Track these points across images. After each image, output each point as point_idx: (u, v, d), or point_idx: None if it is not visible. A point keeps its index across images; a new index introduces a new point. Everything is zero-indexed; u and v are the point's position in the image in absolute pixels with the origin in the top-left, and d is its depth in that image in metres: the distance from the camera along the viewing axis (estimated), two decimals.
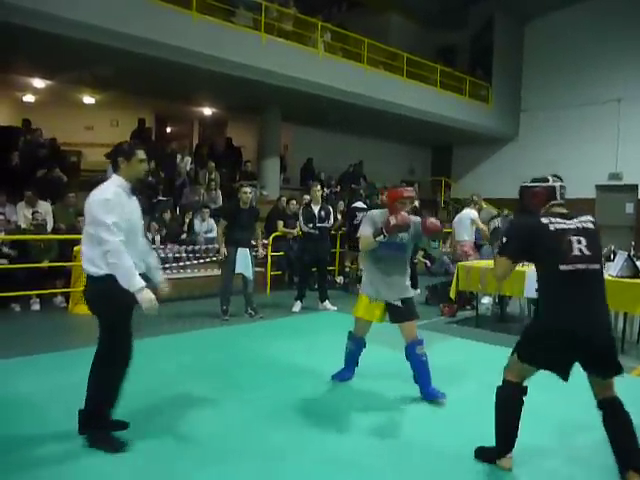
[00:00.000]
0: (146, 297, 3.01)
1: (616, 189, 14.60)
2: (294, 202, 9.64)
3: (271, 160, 12.70)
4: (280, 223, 9.22)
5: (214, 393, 4.10)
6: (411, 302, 4.20)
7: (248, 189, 6.90)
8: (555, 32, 15.47)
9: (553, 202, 2.99)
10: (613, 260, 6.23)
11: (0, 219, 6.88)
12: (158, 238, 8.52)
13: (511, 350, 3.06)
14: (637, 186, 14.27)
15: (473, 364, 5.14)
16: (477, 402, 4.11)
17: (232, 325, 6.54)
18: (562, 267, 2.75)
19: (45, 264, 7.06)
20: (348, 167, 14.50)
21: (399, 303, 4.09)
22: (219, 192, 10.61)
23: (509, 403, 3.01)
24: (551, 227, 2.82)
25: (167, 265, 8.11)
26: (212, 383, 4.35)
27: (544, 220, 2.86)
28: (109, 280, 3.00)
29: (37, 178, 8.74)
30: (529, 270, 6.23)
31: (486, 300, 7.73)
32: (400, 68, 13.14)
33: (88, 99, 12.27)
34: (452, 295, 7.05)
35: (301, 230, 7.76)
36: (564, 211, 2.95)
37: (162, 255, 7.89)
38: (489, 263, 7.18)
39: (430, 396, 4.01)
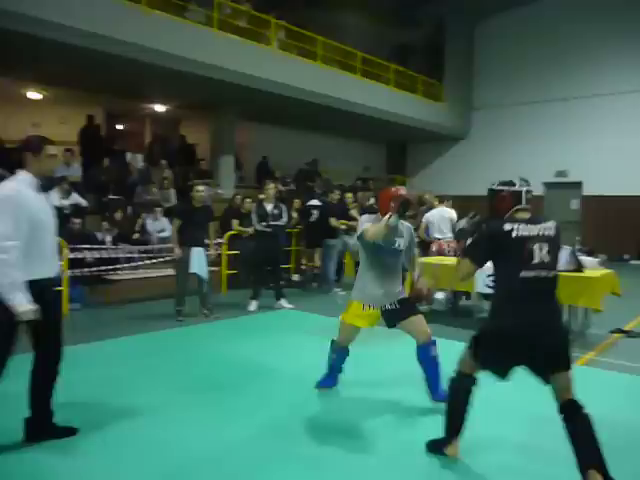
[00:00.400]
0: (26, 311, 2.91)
1: (562, 186, 15.17)
2: (249, 200, 9.58)
3: (226, 158, 12.58)
4: (235, 222, 9.14)
5: (168, 396, 4.05)
6: (407, 301, 4.07)
7: (201, 187, 6.82)
8: (505, 32, 15.96)
9: (518, 207, 3.01)
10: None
11: None
12: (109, 238, 8.32)
13: (465, 344, 3.12)
14: (581, 183, 14.86)
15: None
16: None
17: (187, 326, 6.45)
18: (523, 274, 2.81)
19: None
20: (304, 165, 14.51)
21: (396, 305, 4.00)
22: (172, 191, 10.45)
23: (460, 393, 3.11)
24: (514, 234, 2.84)
25: (119, 266, 7.94)
26: (167, 385, 4.29)
27: (507, 227, 2.88)
28: None
29: None
30: None
31: (440, 295, 7.89)
32: (354, 66, 13.25)
33: (34, 95, 11.82)
34: (407, 291, 7.14)
35: (254, 228, 7.71)
36: (528, 216, 2.96)
37: (114, 255, 7.71)
38: (441, 259, 7.36)
39: (441, 397, 3.78)
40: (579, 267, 5.88)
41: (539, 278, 2.81)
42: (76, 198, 8.49)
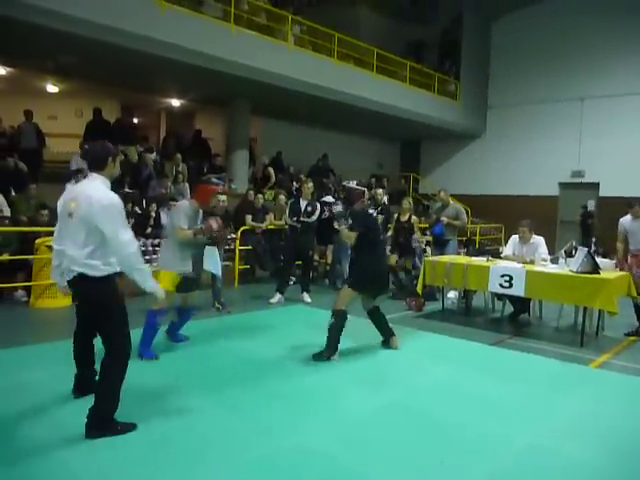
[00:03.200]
0: (160, 292, 3.42)
1: (578, 186, 14.99)
2: (261, 196, 9.62)
3: (240, 153, 12.60)
4: (249, 217, 9.16)
5: (191, 389, 4.07)
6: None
7: (223, 197, 6.80)
8: (522, 30, 15.77)
9: (364, 199, 5.29)
10: (573, 256, 6.40)
11: None
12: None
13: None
14: (598, 184, 14.67)
15: (439, 356, 5.23)
16: (444, 392, 4.19)
17: (201, 320, 6.46)
18: (380, 237, 5.39)
19: (4, 257, 6.86)
20: (317, 161, 14.50)
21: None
22: (187, 185, 10.47)
23: (341, 324, 4.91)
24: (373, 215, 5.46)
25: None
26: (188, 379, 4.31)
27: (370, 210, 5.44)
28: (112, 279, 3.24)
29: None
30: (493, 266, 6.37)
31: (452, 294, 7.86)
32: (370, 63, 13.18)
33: (52, 88, 11.92)
34: (419, 289, 7.13)
35: (286, 223, 8.08)
36: (369, 202, 5.59)
37: None
38: (454, 258, 7.32)
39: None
40: (595, 269, 5.80)
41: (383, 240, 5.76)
42: None
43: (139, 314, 4.78)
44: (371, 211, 5.41)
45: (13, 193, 8.07)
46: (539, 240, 6.83)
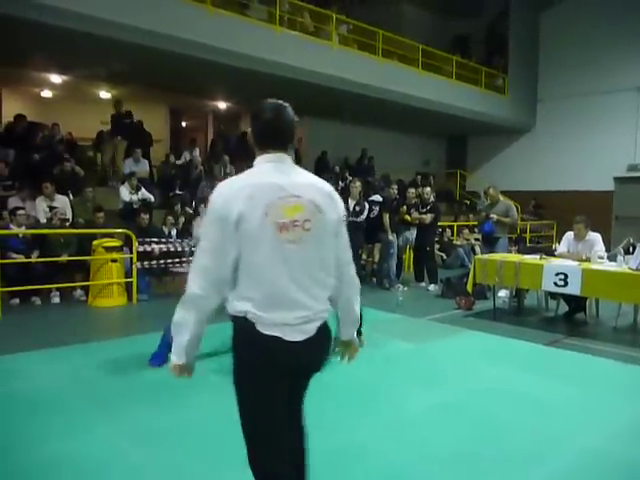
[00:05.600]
0: None
1: (635, 181, 14.39)
2: None
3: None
4: None
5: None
6: None
7: None
8: (571, 20, 15.23)
9: None
10: (632, 252, 6.16)
11: (21, 214, 6.95)
12: (174, 232, 8.57)
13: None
14: None
15: (493, 356, 5.13)
16: (499, 392, 4.12)
17: None
18: None
19: (64, 258, 7.15)
20: (359, 158, 14.51)
21: None
22: None
23: None
24: None
25: (184, 259, 8.18)
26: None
27: None
28: None
29: (55, 173, 8.82)
30: (547, 264, 6.20)
31: (503, 293, 7.69)
32: (414, 59, 13.04)
33: (104, 94, 12.32)
34: (469, 288, 7.01)
35: None
36: None
37: (179, 249, 7.95)
38: (505, 256, 7.16)
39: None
40: None
41: None
42: (144, 193, 8.80)
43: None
44: None
45: (71, 197, 8.39)
46: (595, 237, 6.61)
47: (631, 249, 6.78)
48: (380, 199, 9.02)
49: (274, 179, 1.84)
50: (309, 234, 1.85)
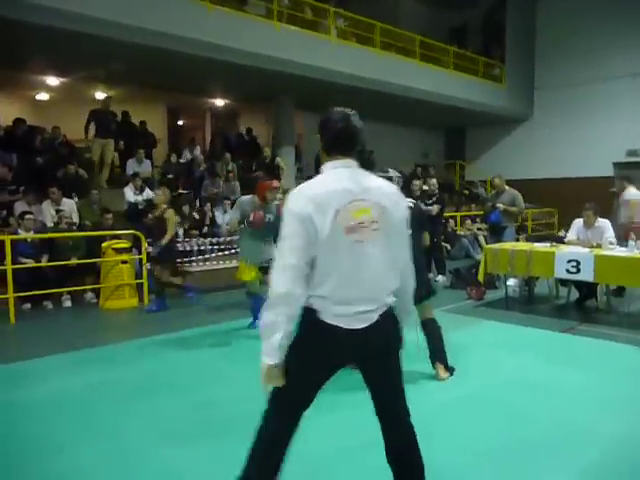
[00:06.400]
0: None
1: (635, 166, 14.42)
2: None
3: (286, 149, 12.66)
4: None
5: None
6: None
7: (279, 195, 6.92)
8: (567, 8, 15.24)
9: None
10: (632, 237, 6.23)
11: (29, 218, 6.91)
12: (181, 231, 8.55)
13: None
14: None
15: (511, 345, 5.15)
16: (522, 382, 4.13)
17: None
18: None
19: (74, 261, 7.12)
20: (359, 152, 14.40)
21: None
22: (237, 183, 10.62)
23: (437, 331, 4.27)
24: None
25: (193, 258, 8.18)
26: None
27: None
28: None
29: (59, 176, 8.77)
30: (558, 251, 6.22)
31: (512, 282, 7.71)
32: (412, 51, 13.01)
33: (101, 95, 12.23)
34: (480, 278, 7.03)
35: None
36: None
37: (187, 248, 7.93)
38: (515, 245, 7.18)
39: None
40: None
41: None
42: (149, 193, 8.76)
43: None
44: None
45: (76, 199, 8.35)
46: (605, 223, 6.64)
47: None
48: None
49: (343, 184, 1.98)
50: (377, 234, 1.99)
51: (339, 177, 2.00)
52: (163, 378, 4.33)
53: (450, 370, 4.24)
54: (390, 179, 4.33)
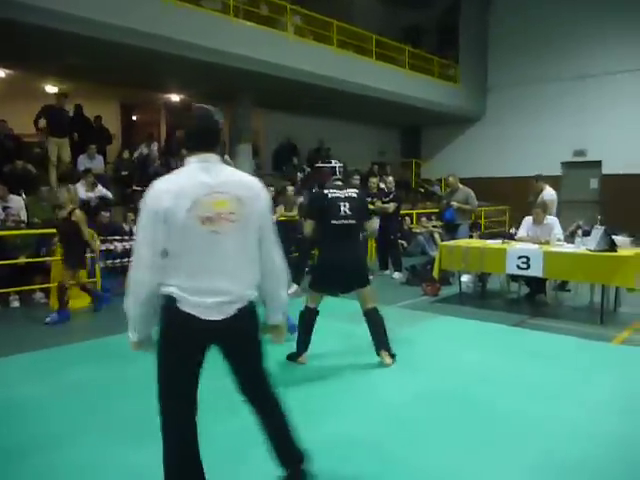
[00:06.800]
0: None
1: (581, 165, 15.01)
2: (271, 188, 9.62)
3: (243, 146, 12.56)
4: None
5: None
6: None
7: None
8: (520, 9, 15.65)
9: (334, 177, 4.43)
10: (582, 234, 6.52)
11: None
12: (135, 229, 8.37)
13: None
14: (601, 162, 14.69)
15: (465, 340, 5.28)
16: (478, 375, 4.24)
17: None
18: (332, 222, 4.19)
19: (22, 260, 6.87)
20: (316, 149, 14.55)
21: None
22: None
23: (309, 321, 4.40)
24: (329, 195, 4.25)
25: None
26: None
27: (325, 191, 4.29)
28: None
29: (5, 172, 8.44)
30: (510, 248, 6.41)
31: (466, 278, 7.90)
32: (369, 50, 13.13)
33: (52, 89, 11.83)
34: (435, 274, 7.18)
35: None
36: (340, 184, 4.38)
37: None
38: (469, 242, 7.36)
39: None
40: (612, 247, 5.85)
41: (343, 225, 4.20)
42: (101, 190, 8.54)
43: None
44: (331, 191, 4.26)
45: (24, 196, 8.05)
46: (553, 220, 6.89)
47: (579, 231, 7.15)
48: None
49: (201, 178, 2.08)
50: (234, 225, 2.10)
51: (197, 171, 2.10)
52: (119, 380, 4.23)
53: (393, 356, 4.43)
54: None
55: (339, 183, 4.38)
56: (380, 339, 4.40)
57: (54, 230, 7.15)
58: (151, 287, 2.07)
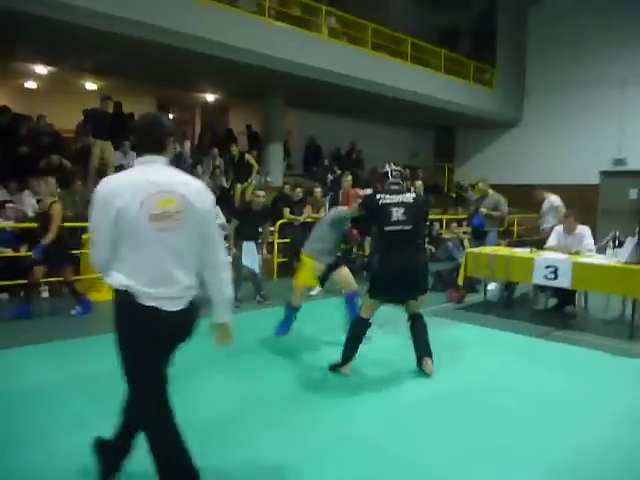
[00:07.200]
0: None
1: (620, 175, 14.56)
2: (299, 189, 9.63)
3: (275, 146, 12.64)
4: (286, 210, 9.23)
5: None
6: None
7: (261, 192, 7.06)
8: (560, 13, 15.27)
9: (389, 182, 4.27)
10: (618, 245, 6.29)
11: (10, 207, 6.85)
12: None
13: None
14: None
15: (486, 349, 5.18)
16: (495, 383, 4.16)
17: (247, 311, 6.55)
18: (386, 228, 4.07)
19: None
20: (348, 151, 14.55)
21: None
22: (224, 178, 10.60)
23: (360, 332, 4.28)
24: (380, 201, 4.09)
25: None
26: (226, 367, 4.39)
27: (378, 196, 4.13)
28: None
29: (41, 166, 8.68)
30: (538, 257, 6.26)
31: (492, 286, 7.76)
32: (403, 52, 13.03)
33: (90, 85, 12.16)
34: (460, 281, 7.06)
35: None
36: (395, 188, 4.22)
37: None
38: (496, 249, 7.22)
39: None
40: None
41: (396, 231, 4.07)
42: None
43: None
44: (382, 196, 4.09)
45: (59, 190, 8.25)
46: (585, 230, 6.70)
47: (617, 242, 6.90)
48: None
49: (149, 177, 2.19)
50: (180, 223, 2.20)
51: (146, 171, 2.22)
52: None
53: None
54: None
55: (395, 187, 4.20)
56: (424, 346, 4.33)
57: (84, 224, 7.34)
58: (108, 266, 2.22)
